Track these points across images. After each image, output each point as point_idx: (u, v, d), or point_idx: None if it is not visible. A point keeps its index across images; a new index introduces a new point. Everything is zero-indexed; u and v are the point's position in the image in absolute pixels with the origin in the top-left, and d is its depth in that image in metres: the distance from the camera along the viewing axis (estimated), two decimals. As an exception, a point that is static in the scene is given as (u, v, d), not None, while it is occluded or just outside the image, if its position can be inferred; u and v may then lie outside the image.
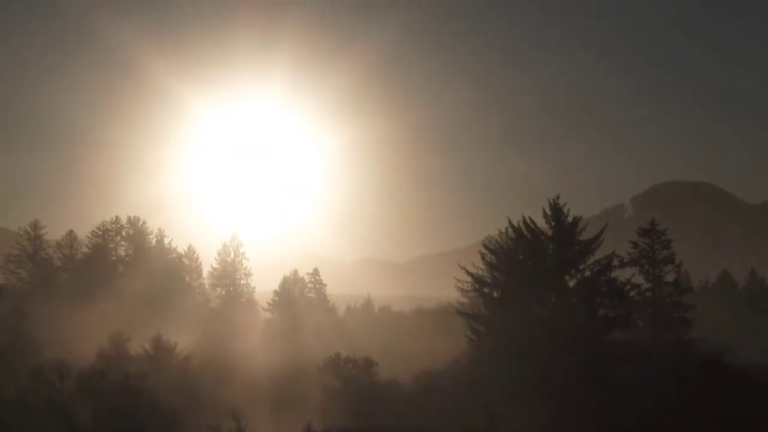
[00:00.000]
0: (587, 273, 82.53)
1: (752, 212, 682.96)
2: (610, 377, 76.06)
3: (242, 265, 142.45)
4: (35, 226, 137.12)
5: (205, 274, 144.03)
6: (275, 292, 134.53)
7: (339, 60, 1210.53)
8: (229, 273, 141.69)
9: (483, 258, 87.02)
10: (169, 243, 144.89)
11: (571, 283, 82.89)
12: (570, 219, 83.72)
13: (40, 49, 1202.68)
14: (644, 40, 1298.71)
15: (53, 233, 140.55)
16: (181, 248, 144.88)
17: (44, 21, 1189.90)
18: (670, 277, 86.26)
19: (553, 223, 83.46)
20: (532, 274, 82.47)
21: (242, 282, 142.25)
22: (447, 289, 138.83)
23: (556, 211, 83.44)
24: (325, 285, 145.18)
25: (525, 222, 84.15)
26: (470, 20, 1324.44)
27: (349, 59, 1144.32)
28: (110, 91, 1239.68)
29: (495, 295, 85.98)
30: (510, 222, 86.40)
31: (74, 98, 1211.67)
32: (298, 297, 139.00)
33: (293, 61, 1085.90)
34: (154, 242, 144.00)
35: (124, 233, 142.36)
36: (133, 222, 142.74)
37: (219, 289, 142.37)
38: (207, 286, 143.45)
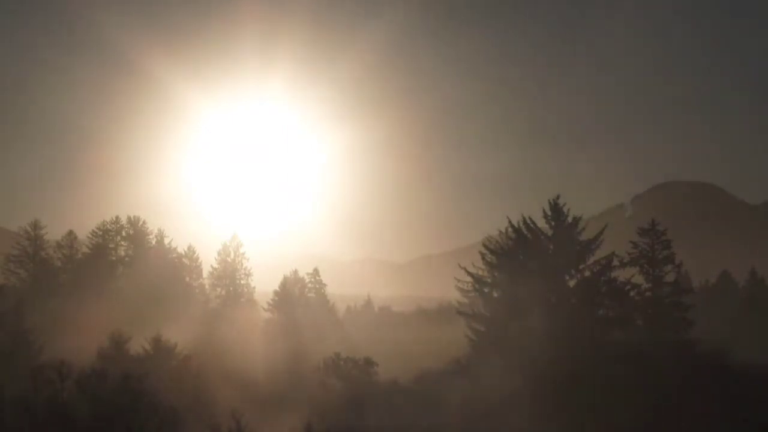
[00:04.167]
0: (587, 273, 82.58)
1: (752, 212, 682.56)
2: (610, 377, 76.05)
3: (242, 265, 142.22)
4: (35, 226, 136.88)
5: (205, 274, 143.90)
6: (275, 292, 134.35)
7: (340, 58, 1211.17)
8: (229, 273, 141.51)
9: (483, 258, 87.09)
10: (169, 243, 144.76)
11: (571, 283, 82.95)
12: (570, 219, 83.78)
13: (40, 48, 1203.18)
14: (645, 40, 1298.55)
15: (53, 233, 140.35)
16: (181, 248, 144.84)
17: (44, 19, 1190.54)
18: (670, 277, 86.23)
19: (553, 223, 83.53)
20: (532, 274, 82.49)
21: (242, 282, 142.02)
22: (447, 289, 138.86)
23: (556, 211, 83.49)
24: (325, 285, 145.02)
25: (525, 222, 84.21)
26: (472, 19, 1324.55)
27: (350, 58, 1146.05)
28: (110, 91, 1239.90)
29: (495, 295, 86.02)
30: (510, 222, 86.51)
31: (74, 98, 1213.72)
32: (298, 297, 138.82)
33: (294, 60, 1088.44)
34: (154, 242, 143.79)
35: (124, 233, 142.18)
36: (133, 222, 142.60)
37: (219, 289, 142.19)
38: (207, 286, 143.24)
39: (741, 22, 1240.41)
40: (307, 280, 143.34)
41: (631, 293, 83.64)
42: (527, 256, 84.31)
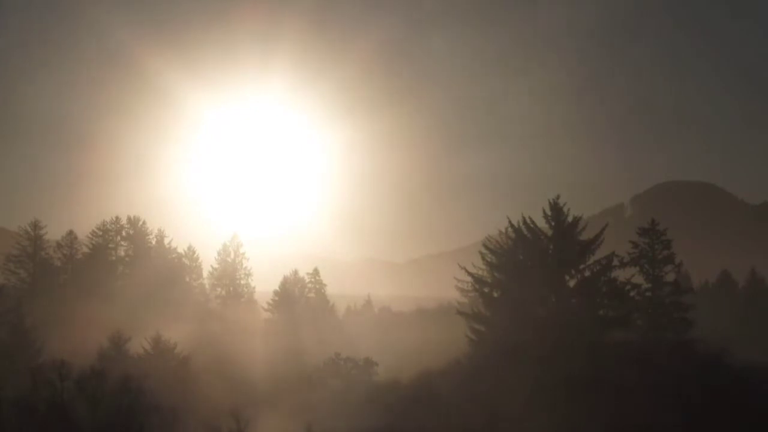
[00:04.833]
0: (587, 273, 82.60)
1: (752, 212, 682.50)
2: (610, 377, 76.05)
3: (242, 265, 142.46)
4: (35, 226, 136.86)
5: (205, 274, 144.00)
6: (275, 292, 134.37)
7: (340, 58, 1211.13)
8: (229, 273, 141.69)
9: (483, 258, 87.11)
10: (169, 243, 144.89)
11: (571, 283, 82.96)
12: (570, 219, 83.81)
13: (39, 47, 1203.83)
14: (644, 40, 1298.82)
15: (53, 233, 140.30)
16: (182, 248, 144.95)
17: (43, 18, 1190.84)
18: (670, 277, 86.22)
19: (553, 223, 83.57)
20: (532, 274, 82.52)
21: (242, 282, 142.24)
22: (447, 289, 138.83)
23: (556, 211, 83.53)
24: (325, 285, 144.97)
25: (525, 222, 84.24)
26: (474, 17, 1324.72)
27: (350, 58, 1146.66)
28: (110, 90, 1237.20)
29: (495, 295, 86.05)
30: (510, 222, 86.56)
31: (74, 97, 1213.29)
32: (298, 297, 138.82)
33: (294, 60, 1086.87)
34: (154, 242, 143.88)
35: (124, 233, 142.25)
36: (133, 222, 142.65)
37: (219, 289, 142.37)
38: (207, 286, 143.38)
39: (741, 22, 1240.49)
40: (307, 280, 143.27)
41: (631, 293, 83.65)
42: (527, 256, 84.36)
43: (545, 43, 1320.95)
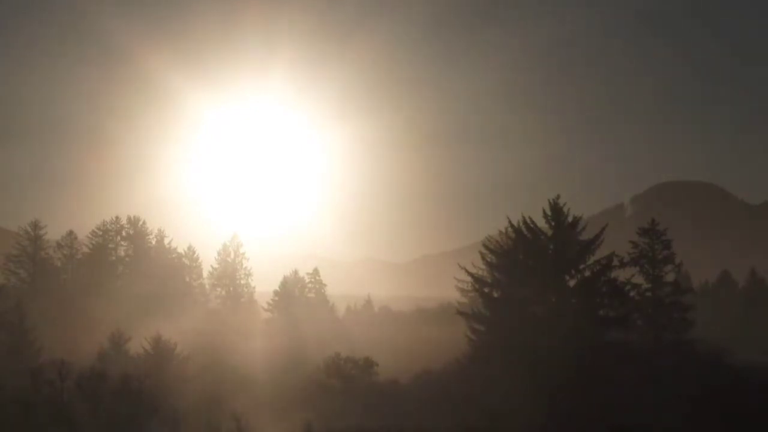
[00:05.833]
0: (587, 273, 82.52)
1: (752, 212, 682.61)
2: (610, 377, 76.04)
3: (242, 265, 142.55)
4: (35, 226, 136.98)
5: (205, 274, 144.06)
6: (275, 292, 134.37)
7: (341, 59, 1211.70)
8: (229, 273, 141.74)
9: (483, 258, 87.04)
10: (169, 243, 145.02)
11: (571, 283, 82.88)
12: (570, 219, 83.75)
13: (40, 47, 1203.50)
14: (644, 40, 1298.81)
15: (53, 233, 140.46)
16: (182, 248, 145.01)
17: (43, 18, 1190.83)
18: (670, 277, 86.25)
19: (553, 223, 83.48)
20: (532, 274, 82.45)
21: (242, 282, 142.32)
22: (447, 289, 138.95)
23: (556, 211, 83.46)
24: (325, 285, 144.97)
25: (525, 222, 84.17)
26: (474, 17, 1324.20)
27: (350, 58, 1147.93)
28: (111, 91, 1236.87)
29: (495, 295, 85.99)
30: (510, 222, 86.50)
31: (74, 97, 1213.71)
32: (298, 297, 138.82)
33: (295, 60, 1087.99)
34: (154, 242, 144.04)
35: (124, 233, 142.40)
36: (133, 222, 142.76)
37: (219, 289, 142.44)
38: (207, 286, 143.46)
39: (741, 22, 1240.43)
40: (307, 280, 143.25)
41: (631, 293, 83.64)
42: (527, 256, 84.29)
43: (545, 42, 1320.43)
